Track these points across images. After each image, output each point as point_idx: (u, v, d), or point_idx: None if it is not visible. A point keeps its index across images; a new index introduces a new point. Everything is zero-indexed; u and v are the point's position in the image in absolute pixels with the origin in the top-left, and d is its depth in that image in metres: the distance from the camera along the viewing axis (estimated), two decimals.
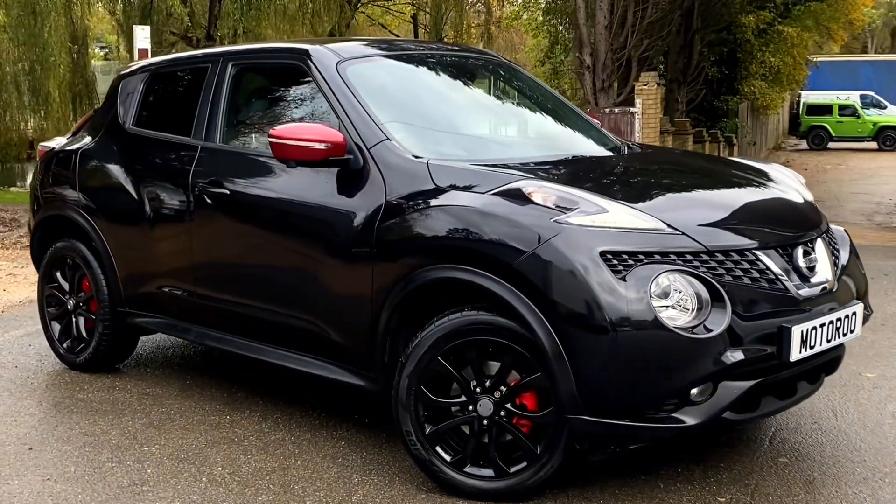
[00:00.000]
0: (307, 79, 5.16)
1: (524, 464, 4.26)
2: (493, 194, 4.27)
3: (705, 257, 4.08)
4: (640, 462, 4.69)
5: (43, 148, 6.60)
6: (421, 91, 5.50)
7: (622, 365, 3.94)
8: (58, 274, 6.33)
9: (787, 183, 5.07)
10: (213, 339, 5.46)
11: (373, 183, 4.65)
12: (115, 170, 5.89)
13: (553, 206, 4.13)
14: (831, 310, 4.36)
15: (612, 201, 4.21)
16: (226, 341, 5.39)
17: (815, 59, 35.27)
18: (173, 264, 5.57)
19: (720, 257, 4.10)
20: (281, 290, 5.01)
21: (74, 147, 6.24)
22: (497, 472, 4.29)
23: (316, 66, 5.09)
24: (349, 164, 4.74)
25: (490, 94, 5.77)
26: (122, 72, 6.31)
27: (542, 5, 30.15)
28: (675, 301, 3.96)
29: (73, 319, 6.26)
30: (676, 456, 4.77)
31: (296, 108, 5.35)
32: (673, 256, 4.03)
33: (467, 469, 4.34)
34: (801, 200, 4.90)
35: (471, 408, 4.30)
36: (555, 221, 4.06)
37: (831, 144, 37.19)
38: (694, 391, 4.02)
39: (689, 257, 4.05)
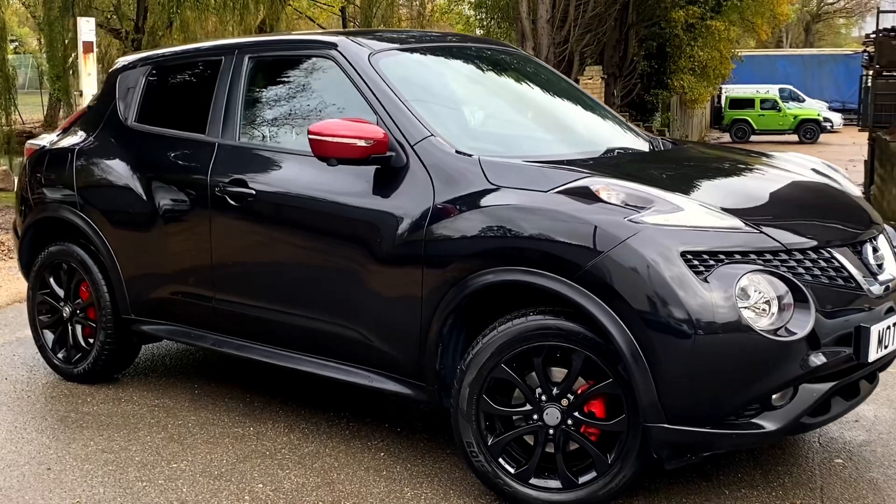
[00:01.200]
0: (334, 72, 4.89)
1: (593, 474, 4.08)
2: (558, 193, 4.08)
3: (784, 256, 3.94)
4: (694, 470, 4.54)
5: (31, 146, 6.22)
6: (454, 84, 5.29)
7: (707, 369, 3.78)
8: (51, 280, 5.97)
9: (837, 178, 4.97)
10: (234, 347, 5.19)
11: (418, 182, 4.43)
12: (119, 169, 5.56)
13: (623, 205, 3.96)
14: (891, 308, 4.26)
15: (685, 199, 4.04)
16: (249, 349, 5.12)
17: (739, 54, 35.73)
18: (189, 269, 5.28)
19: (798, 256, 3.96)
20: (317, 295, 4.76)
21: (69, 144, 5.88)
22: (565, 483, 4.11)
23: (347, 59, 4.84)
24: (390, 162, 4.51)
25: (520, 87, 5.54)
26: (119, 65, 5.96)
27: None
28: (757, 302, 3.81)
29: (70, 328, 5.90)
30: (727, 461, 4.64)
31: (322, 103, 5.09)
32: (753, 256, 3.89)
33: (533, 481, 4.15)
34: (857, 195, 4.79)
35: (535, 416, 4.11)
36: (630, 221, 3.89)
37: (754, 138, 37.72)
38: (775, 395, 3.87)
39: (768, 256, 3.91)
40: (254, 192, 4.91)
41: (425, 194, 4.39)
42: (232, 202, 4.99)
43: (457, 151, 4.45)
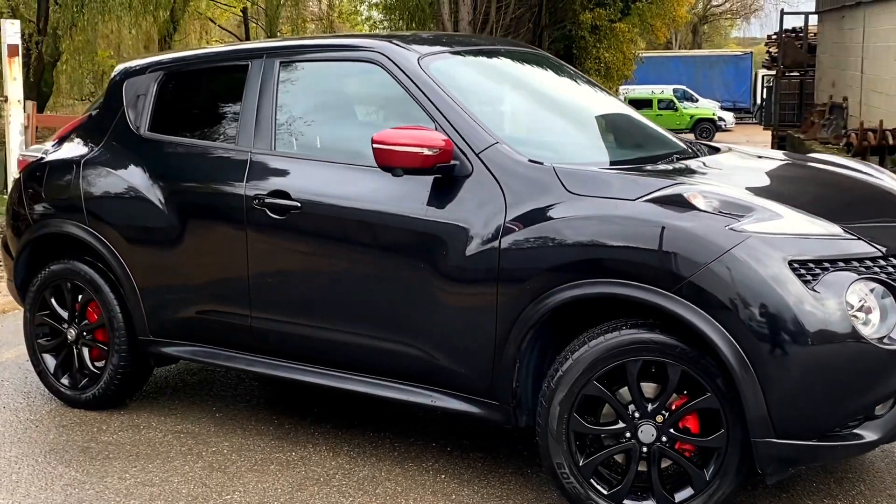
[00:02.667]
0: (381, 78, 4.67)
1: (690, 491, 3.96)
2: (648, 201, 3.94)
3: (883, 262, 3.87)
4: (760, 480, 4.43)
5: (25, 158, 5.82)
6: (503, 89, 5.09)
7: (817, 380, 3.69)
8: (52, 300, 5.59)
9: (890, 178, 4.93)
10: (272, 368, 4.93)
11: (486, 191, 4.24)
12: (134, 181, 5.22)
13: (720, 213, 3.84)
14: None
15: (782, 206, 3.94)
16: (291, 370, 4.86)
17: (640, 55, 36.20)
18: (219, 286, 4.98)
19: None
20: (373, 311, 4.53)
21: (74, 155, 5.50)
22: (661, 502, 3.96)
23: (396, 64, 4.62)
24: (454, 171, 4.31)
25: (562, 90, 5.38)
26: (122, 70, 5.60)
27: (381, 2, 29.83)
28: (863, 310, 3.73)
29: (75, 351, 5.53)
30: (798, 472, 4.54)
31: (368, 110, 4.85)
32: (855, 263, 3.81)
33: (626, 502, 3.99)
34: None
35: (628, 434, 3.95)
36: (731, 230, 3.77)
37: None
38: (879, 405, 3.80)
39: (869, 263, 3.84)
40: (298, 204, 4.65)
41: (496, 205, 4.20)
42: (273, 215, 4.72)
43: (530, 160, 4.26)
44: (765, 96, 35.55)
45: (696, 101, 42.11)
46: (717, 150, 5.03)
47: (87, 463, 4.80)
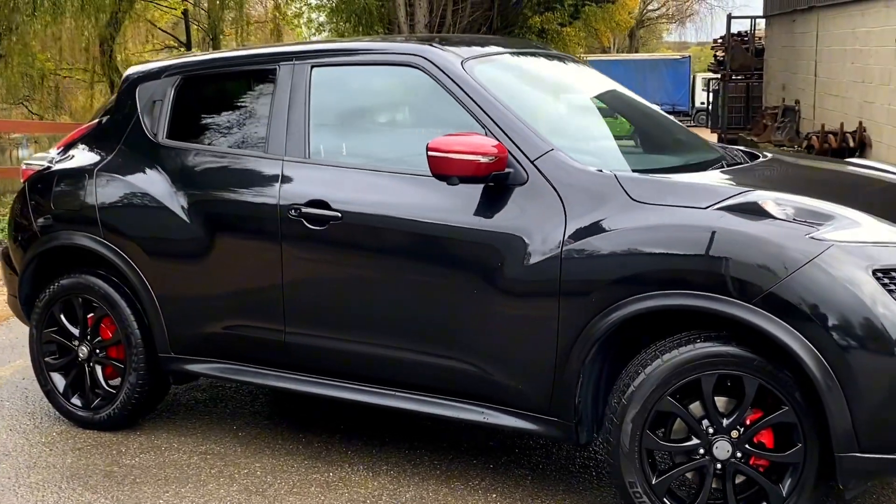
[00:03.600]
0: (422, 82, 4.50)
1: None
2: (720, 209, 3.82)
3: None
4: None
5: (29, 167, 5.53)
6: (543, 93, 4.93)
7: None
8: (62, 316, 5.31)
9: None
10: (308, 385, 4.74)
11: (543, 200, 4.09)
12: (154, 191, 4.98)
13: (797, 220, 3.72)
14: None
15: (859, 213, 3.83)
16: (329, 386, 4.67)
17: (584, 59, 36.35)
18: (250, 300, 4.76)
19: None
20: (421, 326, 4.35)
21: (85, 164, 5.24)
22: None
23: (440, 68, 4.45)
24: (508, 179, 4.15)
25: (598, 94, 5.23)
26: (135, 74, 5.34)
27: (328, 4, 29.51)
28: None
29: (87, 369, 5.26)
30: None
31: (409, 115, 4.68)
32: None
33: None
34: None
35: (702, 451, 3.82)
36: (812, 238, 3.65)
37: None
38: None
39: None
40: (338, 214, 4.45)
41: (555, 214, 4.05)
42: (310, 226, 4.51)
43: (589, 167, 4.11)
44: (711, 99, 35.85)
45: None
46: (756, 157, 4.92)
47: (115, 488, 4.56)
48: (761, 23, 24.73)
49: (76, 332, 5.31)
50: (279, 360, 4.77)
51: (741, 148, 5.24)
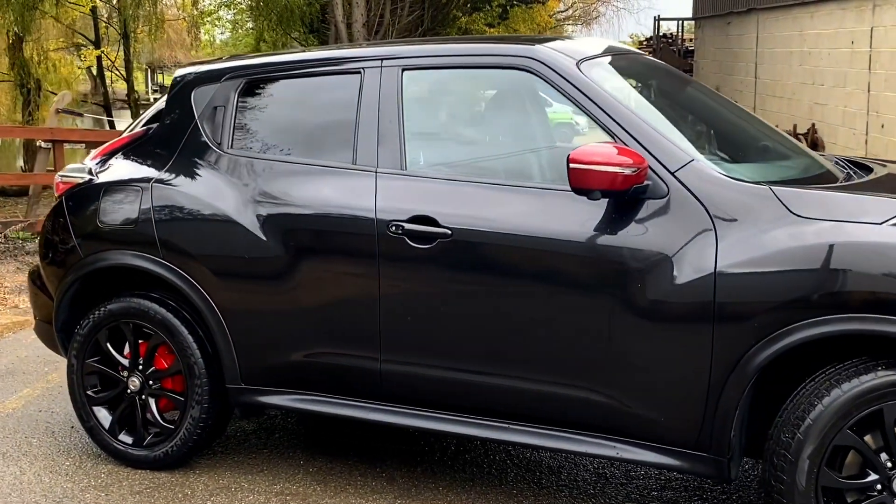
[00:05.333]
0: (532, 86, 4.13)
1: None
2: None
3: None
4: None
5: (66, 180, 4.98)
6: (658, 99, 4.60)
7: None
8: (108, 345, 4.79)
9: None
10: (403, 417, 4.32)
11: (688, 215, 3.77)
12: (224, 206, 4.51)
13: None
14: None
15: None
16: (429, 419, 4.26)
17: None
18: (340, 326, 4.33)
19: None
20: (544, 354, 4.00)
21: (139, 177, 4.73)
22: None
23: (556, 71, 4.09)
24: (646, 193, 3.81)
25: (704, 101, 4.90)
26: (188, 77, 4.84)
27: (245, 3, 28.83)
28: None
29: (139, 403, 4.76)
30: None
31: (518, 121, 4.29)
32: None
33: None
34: None
35: (879, 486, 3.54)
36: None
37: None
38: None
39: None
40: (448, 231, 4.06)
41: (702, 230, 3.73)
42: (414, 244, 4.11)
43: (738, 179, 3.80)
44: None
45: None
46: (870, 168, 4.65)
47: None
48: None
49: (125, 361, 4.79)
50: (371, 391, 4.36)
51: (838, 157, 4.98)
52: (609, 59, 4.45)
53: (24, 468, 4.82)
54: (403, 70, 4.37)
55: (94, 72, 34.73)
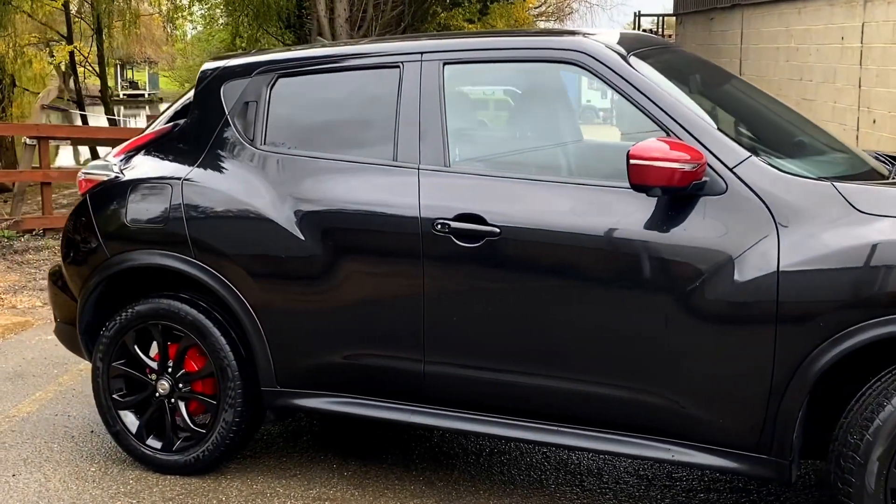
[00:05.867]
0: (573, 79, 4.02)
1: None
2: None
3: None
4: None
5: (90, 177, 4.83)
6: (700, 92, 4.51)
7: None
8: (135, 347, 4.66)
9: None
10: (448, 419, 4.22)
11: (748, 212, 3.69)
12: (258, 203, 4.38)
13: None
14: None
15: None
16: (475, 421, 4.16)
17: None
18: (381, 327, 4.22)
19: None
20: (596, 354, 3.91)
21: (169, 174, 4.59)
22: None
23: (605, 65, 3.99)
24: (703, 189, 3.72)
25: (737, 92, 4.81)
26: (217, 71, 4.70)
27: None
28: None
29: (168, 406, 4.63)
30: None
31: (564, 116, 4.18)
32: None
33: None
34: None
35: None
36: None
37: None
38: None
39: None
40: (496, 229, 3.95)
41: (763, 228, 3.65)
42: (461, 243, 4.01)
43: (798, 175, 3.73)
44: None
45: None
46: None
47: None
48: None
49: (154, 364, 4.65)
50: (413, 393, 4.25)
51: (870, 151, 4.91)
52: (653, 52, 4.35)
53: (48, 475, 4.67)
54: (445, 64, 4.26)
55: (64, 67, 34.32)
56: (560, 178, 4.03)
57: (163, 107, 45.24)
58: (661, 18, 25.28)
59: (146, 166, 4.70)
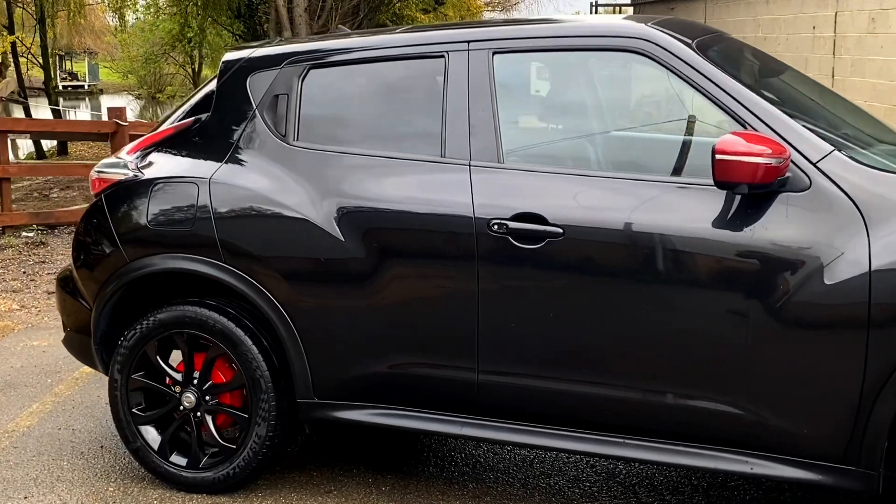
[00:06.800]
0: (644, 70, 3.82)
1: None
2: None
3: None
4: None
5: (104, 176, 4.50)
6: (762, 83, 4.28)
7: None
8: (157, 357, 4.35)
9: None
10: (502, 432, 3.97)
11: (834, 209, 3.49)
12: (293, 203, 4.10)
13: None
14: None
15: None
16: (532, 434, 3.92)
17: None
18: (432, 333, 3.97)
19: None
20: (668, 362, 3.68)
21: (194, 173, 4.28)
22: None
23: (673, 54, 3.76)
24: (786, 186, 3.51)
25: (798, 83, 4.59)
26: (241, 62, 4.40)
27: None
28: None
29: (194, 420, 4.33)
30: None
31: (624, 109, 3.95)
32: None
33: None
34: None
35: None
36: None
37: None
38: None
39: None
40: (559, 230, 3.71)
41: (851, 226, 3.45)
42: (519, 244, 3.76)
43: (879, 169, 3.53)
44: None
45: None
46: None
47: None
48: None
49: (178, 376, 4.35)
50: (465, 404, 4.00)
51: None
52: (712, 40, 4.12)
53: (63, 496, 4.36)
54: (494, 53, 4.00)
55: (2, 58, 33.42)
56: (625, 174, 3.78)
57: (104, 98, 44.06)
58: (618, 8, 25.13)
59: (167, 164, 4.39)
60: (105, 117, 13.00)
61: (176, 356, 4.43)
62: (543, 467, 4.56)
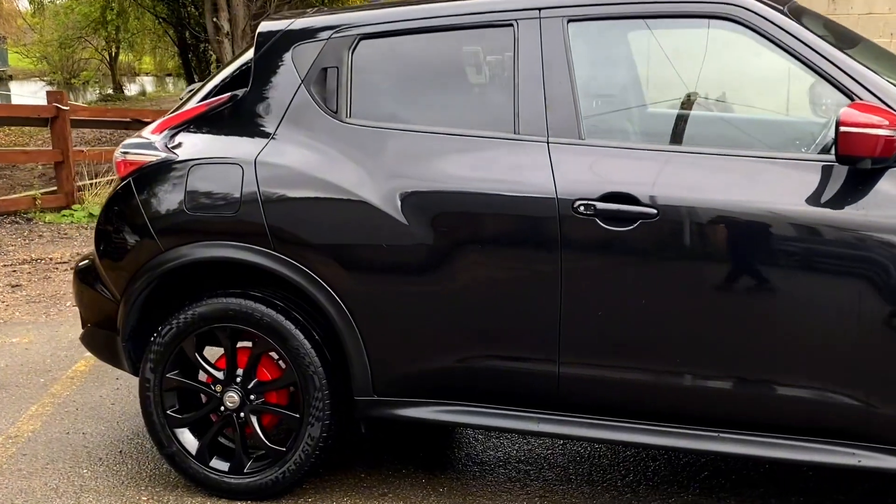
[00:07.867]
0: (734, 40, 3.58)
1: None
2: None
3: None
4: None
5: (131, 158, 4.11)
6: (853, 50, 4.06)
7: None
8: (196, 355, 4.00)
9: None
10: (585, 428, 3.72)
11: None
12: (350, 185, 3.78)
13: None
14: None
15: None
16: (621, 430, 3.67)
17: None
18: (508, 324, 3.69)
19: None
20: (772, 350, 3.46)
21: (236, 154, 3.93)
22: None
23: (771, 21, 3.53)
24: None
25: (874, 53, 4.37)
26: (281, 32, 4.05)
27: None
28: None
29: (238, 422, 3.99)
30: None
31: (717, 80, 3.71)
32: None
33: None
34: None
35: None
36: None
37: None
38: None
39: None
40: (653, 210, 3.45)
41: None
42: (608, 226, 3.50)
43: None
44: None
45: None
46: None
47: None
48: None
49: (219, 374, 4.00)
50: (544, 398, 3.73)
51: None
52: (796, 8, 3.89)
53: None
54: (569, 21, 3.71)
55: None
56: (723, 150, 3.53)
57: (13, 84, 42.52)
58: None
59: (203, 145, 4.02)
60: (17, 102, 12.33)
61: (210, 353, 4.08)
62: (610, 463, 4.31)
